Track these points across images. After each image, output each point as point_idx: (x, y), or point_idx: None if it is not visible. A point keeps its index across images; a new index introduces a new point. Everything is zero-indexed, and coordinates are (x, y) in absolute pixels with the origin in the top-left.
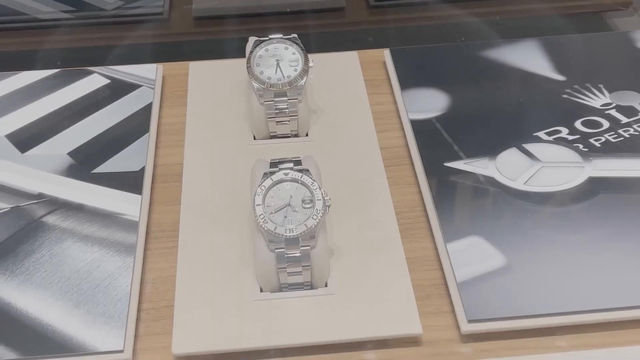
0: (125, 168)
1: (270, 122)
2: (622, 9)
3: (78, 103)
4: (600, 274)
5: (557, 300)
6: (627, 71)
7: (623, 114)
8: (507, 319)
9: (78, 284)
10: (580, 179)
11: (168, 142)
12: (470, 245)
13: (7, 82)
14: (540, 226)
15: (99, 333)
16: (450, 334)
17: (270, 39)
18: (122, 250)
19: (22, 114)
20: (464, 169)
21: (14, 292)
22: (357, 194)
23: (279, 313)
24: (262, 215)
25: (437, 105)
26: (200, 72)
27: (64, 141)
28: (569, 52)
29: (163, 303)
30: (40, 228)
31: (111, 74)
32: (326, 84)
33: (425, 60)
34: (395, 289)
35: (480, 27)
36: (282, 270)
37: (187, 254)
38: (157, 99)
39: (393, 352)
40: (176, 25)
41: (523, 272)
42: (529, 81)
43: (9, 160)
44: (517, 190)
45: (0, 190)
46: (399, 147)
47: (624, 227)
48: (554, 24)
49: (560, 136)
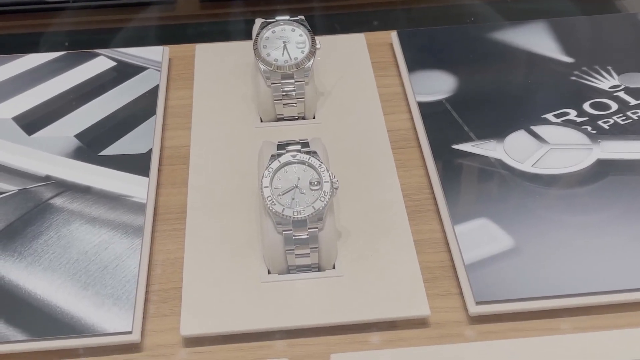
0: (132, 150)
1: (277, 104)
2: None
3: (84, 85)
4: (608, 257)
5: (565, 283)
6: (635, 53)
7: (632, 96)
8: (515, 300)
9: (86, 265)
10: (589, 161)
11: (175, 124)
12: (478, 228)
13: (14, 64)
14: (548, 208)
15: (108, 314)
16: (457, 315)
17: (277, 20)
18: (130, 232)
19: (29, 96)
20: (472, 151)
21: (23, 273)
22: (365, 176)
23: (287, 295)
24: (270, 197)
25: (444, 87)
26: (206, 54)
27: (71, 123)
28: (577, 34)
29: (171, 285)
30: (48, 210)
31: (117, 56)
32: (333, 66)
33: (432, 42)
34: (403, 271)
35: (489, 9)
36: (289, 252)
37: (194, 236)
38: (163, 81)
39: (401, 334)
40: (182, 7)
41: (531, 255)
42: (537, 63)
43: (16, 142)
44: (525, 172)
45: (8, 172)
46: (407, 130)
47: (632, 209)
48: (563, 5)
49: (569, 118)
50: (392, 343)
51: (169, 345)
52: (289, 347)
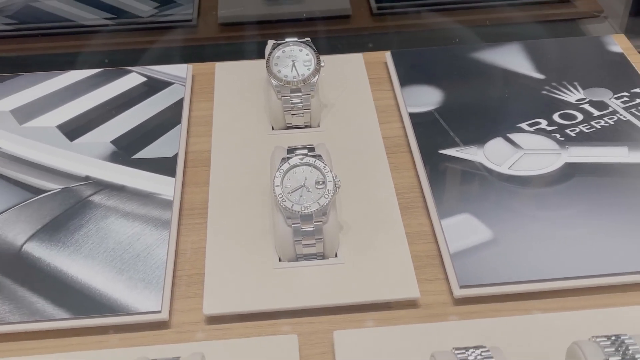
0: (160, 154)
1: (287, 114)
2: (595, 16)
3: (119, 98)
4: (574, 247)
5: (537, 269)
6: (598, 71)
7: (595, 108)
8: (494, 285)
9: (121, 254)
10: (558, 164)
11: (197, 132)
12: (462, 222)
13: (58, 79)
14: (523, 205)
15: (140, 296)
16: (444, 298)
17: (286, 42)
18: (159, 225)
19: (71, 107)
20: (456, 155)
21: (66, 260)
22: (363, 177)
23: (295, 279)
24: (281, 194)
25: (432, 100)
26: (225, 71)
27: (107, 131)
28: (547, 54)
29: (195, 270)
30: (88, 206)
31: (147, 72)
32: (335, 81)
33: (421, 61)
34: (396, 259)
35: (471, 32)
36: (298, 242)
37: (215, 228)
38: (187, 94)
39: (394, 314)
40: (204, 30)
41: (507, 245)
42: (512, 79)
43: (60, 147)
44: (502, 174)
45: (53, 173)
46: (399, 137)
47: (595, 206)
48: (535, 29)
49: (540, 127)
50: (386, 321)
51: (193, 323)
52: (297, 325)
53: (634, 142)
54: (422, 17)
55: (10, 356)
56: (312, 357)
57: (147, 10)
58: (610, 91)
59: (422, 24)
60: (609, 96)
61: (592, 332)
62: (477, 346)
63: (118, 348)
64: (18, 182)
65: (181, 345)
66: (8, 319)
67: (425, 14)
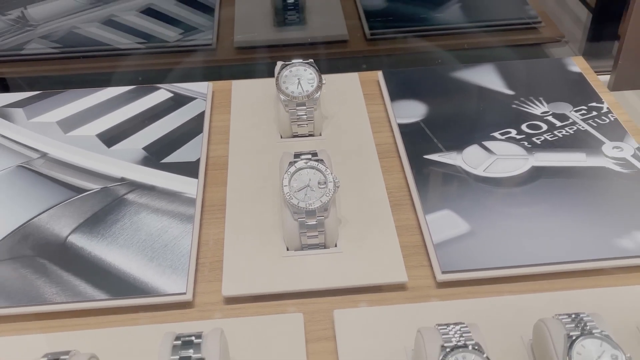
0: (185, 159)
1: (293, 125)
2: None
3: (149, 111)
4: (541, 238)
5: (508, 257)
6: (560, 87)
7: (557, 119)
8: (471, 270)
9: (151, 244)
10: (525, 167)
11: (217, 140)
12: (443, 216)
13: (96, 95)
14: (496, 202)
15: (168, 280)
16: (428, 282)
17: (293, 63)
18: (184, 220)
19: (108, 119)
20: (439, 159)
21: (105, 250)
22: (358, 178)
23: (301, 266)
24: (288, 193)
25: (418, 112)
26: (240, 88)
27: (139, 139)
28: (516, 73)
29: (215, 258)
30: (123, 203)
31: (173, 89)
32: (335, 97)
33: (409, 79)
34: (387, 249)
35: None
36: (303, 234)
37: (232, 222)
38: (208, 108)
39: (385, 295)
40: (222, 53)
41: (483, 236)
42: (486, 95)
43: (99, 153)
44: (478, 175)
45: (93, 175)
46: (389, 144)
47: (558, 203)
48: (505, 52)
49: (511, 135)
50: (379, 302)
51: (213, 303)
52: (302, 305)
53: (590, 149)
54: (409, 42)
55: (57, 331)
56: (315, 332)
57: (173, 36)
58: (571, 105)
59: (409, 47)
60: (569, 109)
61: (556, 310)
62: (457, 323)
63: (148, 325)
64: (63, 183)
65: (203, 322)
66: (55, 299)
67: (412, 39)
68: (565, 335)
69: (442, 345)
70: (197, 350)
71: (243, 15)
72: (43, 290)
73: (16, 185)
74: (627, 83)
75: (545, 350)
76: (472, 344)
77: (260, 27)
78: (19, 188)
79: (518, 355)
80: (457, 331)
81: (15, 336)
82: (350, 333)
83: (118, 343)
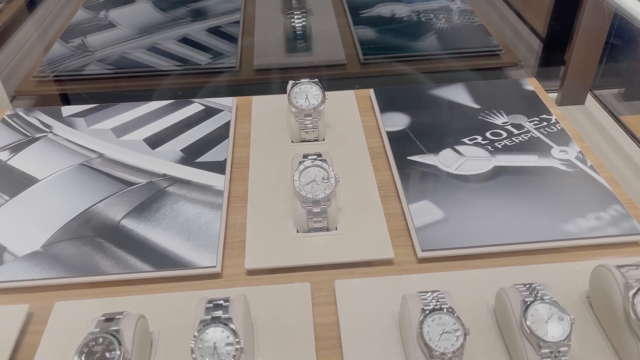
0: (215, 159)
1: (302, 132)
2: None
3: (185, 120)
4: (502, 223)
5: (475, 238)
6: (517, 103)
7: (515, 128)
8: (446, 249)
9: (188, 227)
10: (489, 167)
11: (240, 144)
12: (423, 206)
13: (142, 107)
14: (465, 194)
15: (201, 256)
16: (411, 258)
17: (301, 82)
18: (214, 208)
19: (152, 126)
20: (420, 160)
21: (150, 231)
22: (354, 175)
23: (308, 245)
24: (298, 186)
25: (402, 122)
26: (259, 102)
27: (178, 143)
28: (482, 91)
29: (239, 239)
30: (165, 194)
31: (205, 103)
32: (335, 109)
33: (395, 95)
34: (377, 231)
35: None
36: (310, 219)
37: (253, 210)
38: (233, 118)
39: (376, 269)
40: (244, 73)
41: (455, 222)
42: (458, 108)
43: (145, 154)
44: (451, 173)
45: (140, 172)
46: (379, 147)
47: (515, 196)
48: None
49: (477, 141)
50: (371, 274)
51: (238, 275)
52: (309, 276)
53: (541, 152)
54: (396, 65)
55: (112, 297)
56: (320, 298)
57: (205, 60)
58: (526, 117)
59: (395, 70)
60: (524, 120)
61: (514, 281)
62: (434, 290)
63: (185, 291)
64: (116, 178)
65: (229, 289)
66: (110, 271)
67: (397, 63)
68: (521, 301)
69: (422, 309)
70: (226, 311)
71: (261, 43)
72: (100, 264)
73: (78, 180)
74: (571, 99)
75: (506, 313)
76: (447, 307)
77: (275, 53)
78: (80, 182)
79: (483, 317)
80: (434, 297)
81: (78, 300)
82: (348, 299)
83: (161, 306)
